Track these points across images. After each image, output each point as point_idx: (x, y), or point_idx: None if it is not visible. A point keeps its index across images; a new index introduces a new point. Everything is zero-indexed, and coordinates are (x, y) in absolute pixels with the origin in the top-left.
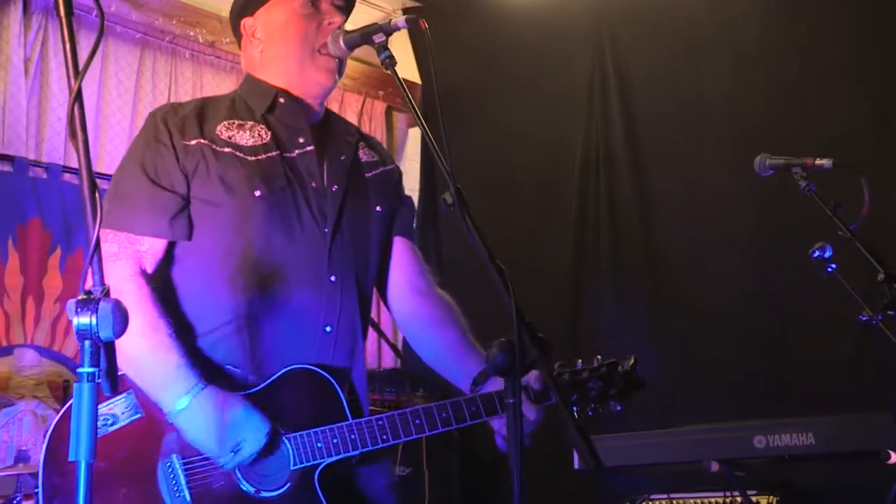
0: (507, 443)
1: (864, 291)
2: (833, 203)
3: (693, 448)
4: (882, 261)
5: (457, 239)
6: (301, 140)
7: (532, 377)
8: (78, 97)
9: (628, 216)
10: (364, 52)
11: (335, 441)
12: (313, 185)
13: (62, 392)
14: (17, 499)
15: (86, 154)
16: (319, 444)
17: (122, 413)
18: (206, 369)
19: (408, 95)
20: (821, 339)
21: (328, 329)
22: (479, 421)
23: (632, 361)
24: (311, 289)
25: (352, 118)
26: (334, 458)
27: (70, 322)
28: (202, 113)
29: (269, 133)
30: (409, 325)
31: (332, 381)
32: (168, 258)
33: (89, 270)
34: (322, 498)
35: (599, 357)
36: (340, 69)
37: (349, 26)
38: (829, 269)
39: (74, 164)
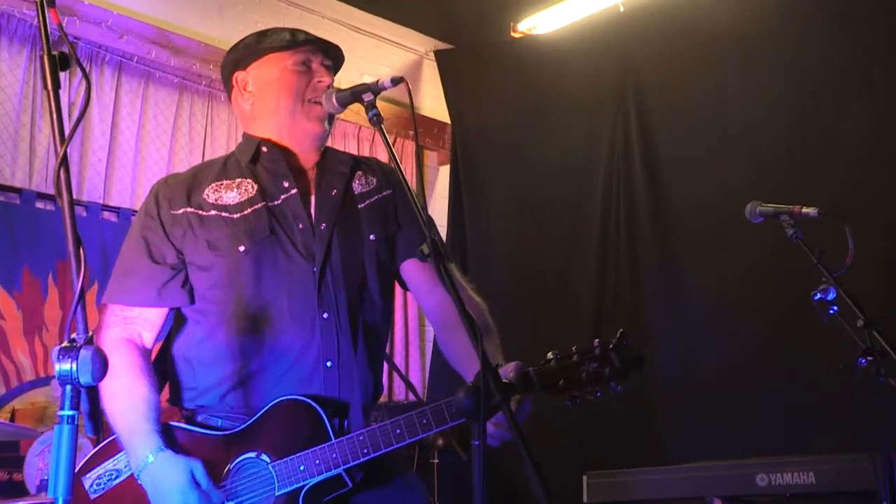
0: (498, 442)
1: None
2: (818, 250)
3: (696, 485)
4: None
5: (483, 274)
6: (285, 185)
7: (507, 370)
8: (63, 162)
9: (646, 249)
10: (394, 92)
11: (317, 461)
12: (300, 226)
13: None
14: None
15: (71, 214)
16: (302, 467)
17: (125, 467)
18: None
19: (392, 153)
20: (823, 378)
21: (329, 364)
22: (461, 421)
23: (617, 335)
24: (305, 328)
25: (383, 157)
26: (318, 479)
27: None
28: (194, 180)
29: (255, 186)
30: (436, 333)
31: (316, 406)
32: (180, 323)
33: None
34: None
35: (598, 340)
36: (330, 119)
37: (386, 71)
38: (831, 312)
39: (114, 203)
